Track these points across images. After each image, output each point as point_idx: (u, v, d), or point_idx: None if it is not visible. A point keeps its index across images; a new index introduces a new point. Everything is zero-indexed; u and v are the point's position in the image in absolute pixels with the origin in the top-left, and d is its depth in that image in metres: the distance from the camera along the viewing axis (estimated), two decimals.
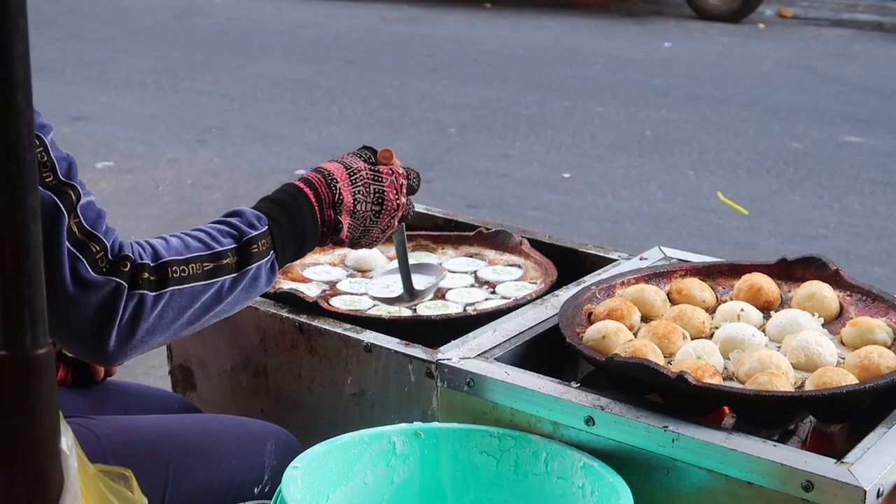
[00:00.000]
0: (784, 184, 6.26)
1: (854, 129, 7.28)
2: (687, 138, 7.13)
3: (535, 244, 2.58)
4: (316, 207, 1.84)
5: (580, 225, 5.63)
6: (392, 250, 2.61)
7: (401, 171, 1.94)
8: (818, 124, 7.40)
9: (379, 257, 2.54)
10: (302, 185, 1.85)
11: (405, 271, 2.16)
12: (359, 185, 1.88)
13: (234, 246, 1.73)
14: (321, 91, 8.33)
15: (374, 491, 1.82)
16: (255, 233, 1.76)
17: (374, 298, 2.28)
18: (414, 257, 2.57)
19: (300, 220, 1.82)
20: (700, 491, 1.71)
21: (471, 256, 2.58)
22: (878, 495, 1.60)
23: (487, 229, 2.62)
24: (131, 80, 8.69)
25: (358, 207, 1.87)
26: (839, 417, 1.90)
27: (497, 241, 2.59)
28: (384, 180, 1.91)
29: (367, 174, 1.90)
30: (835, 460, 1.63)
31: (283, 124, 7.49)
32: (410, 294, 2.18)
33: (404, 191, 1.93)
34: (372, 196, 1.89)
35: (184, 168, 6.54)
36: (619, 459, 1.76)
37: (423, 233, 2.67)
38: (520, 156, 6.81)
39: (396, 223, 1.95)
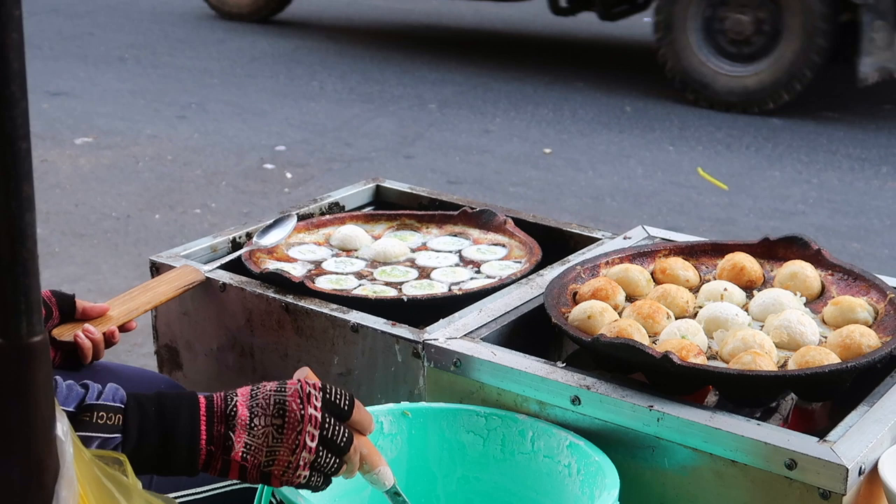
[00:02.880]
0: (763, 159, 6.29)
1: (832, 105, 7.31)
2: (667, 114, 7.15)
3: (520, 223, 2.59)
4: (203, 419, 1.55)
5: (561, 201, 5.65)
6: (377, 229, 2.62)
7: (311, 382, 1.58)
8: (796, 100, 7.42)
9: (363, 236, 2.55)
10: (202, 396, 1.59)
11: None
12: (258, 398, 1.56)
13: (69, 409, 1.51)
14: (301, 66, 8.31)
15: None
16: (99, 402, 1.52)
17: None
18: (398, 236, 2.58)
19: (171, 421, 1.54)
20: (685, 469, 1.73)
21: (455, 236, 2.59)
22: (860, 473, 1.63)
23: (472, 209, 2.63)
24: (110, 56, 8.64)
25: (255, 422, 1.55)
26: (821, 396, 1.93)
27: (481, 220, 2.60)
28: (287, 390, 1.56)
29: (271, 388, 1.58)
30: (817, 439, 1.65)
31: (263, 100, 7.47)
32: None
33: (314, 402, 1.55)
34: (272, 408, 1.55)
35: (164, 144, 6.52)
36: (604, 438, 1.78)
37: (407, 212, 2.68)
38: (500, 131, 6.82)
39: (310, 442, 1.54)
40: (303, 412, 1.54)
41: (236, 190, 5.74)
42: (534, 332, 2.11)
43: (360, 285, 2.33)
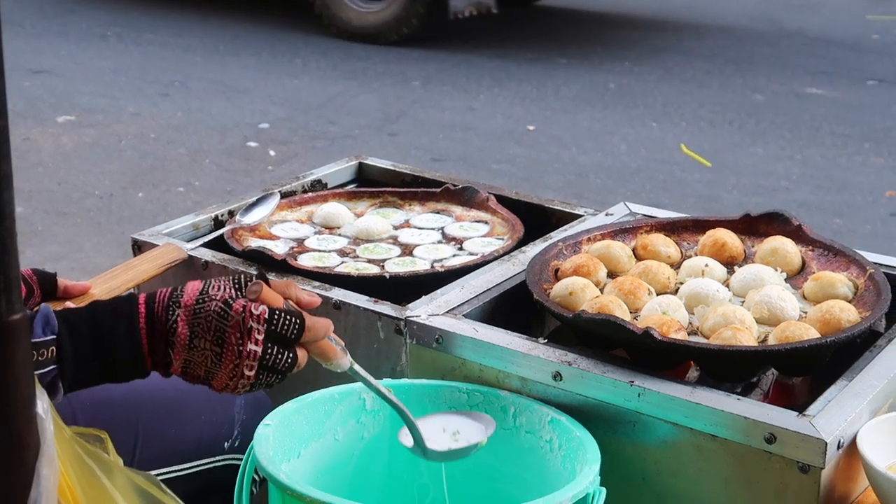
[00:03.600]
0: (746, 136, 6.30)
1: (816, 82, 7.32)
2: (650, 90, 7.15)
3: (502, 200, 2.60)
4: (144, 333, 1.52)
5: (545, 178, 5.65)
6: (359, 206, 2.62)
7: (257, 312, 1.51)
8: (780, 76, 7.44)
9: (346, 213, 2.55)
10: (142, 301, 1.55)
11: (409, 423, 1.71)
12: (200, 317, 1.52)
13: None
14: (285, 43, 8.28)
15: (345, 447, 1.84)
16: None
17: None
18: (381, 214, 2.58)
19: (109, 340, 1.51)
20: (665, 444, 1.74)
21: (438, 213, 2.59)
22: (839, 447, 1.64)
23: (454, 186, 2.63)
24: (92, 33, 8.59)
25: (195, 342, 1.51)
26: (801, 370, 1.94)
27: (464, 197, 2.60)
28: (229, 318, 1.51)
29: (216, 305, 1.52)
30: (797, 413, 1.66)
31: (246, 77, 7.44)
32: (423, 452, 1.72)
33: (256, 336, 1.51)
34: (212, 334, 1.51)
35: (146, 122, 6.49)
36: (586, 414, 1.79)
37: (390, 189, 2.67)
38: (484, 108, 6.81)
39: (250, 373, 1.52)
40: (241, 348, 1.51)
41: (219, 168, 5.73)
42: (516, 308, 2.12)
43: (342, 263, 2.33)
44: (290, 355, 1.53)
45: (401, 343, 1.99)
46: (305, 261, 2.32)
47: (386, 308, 2.02)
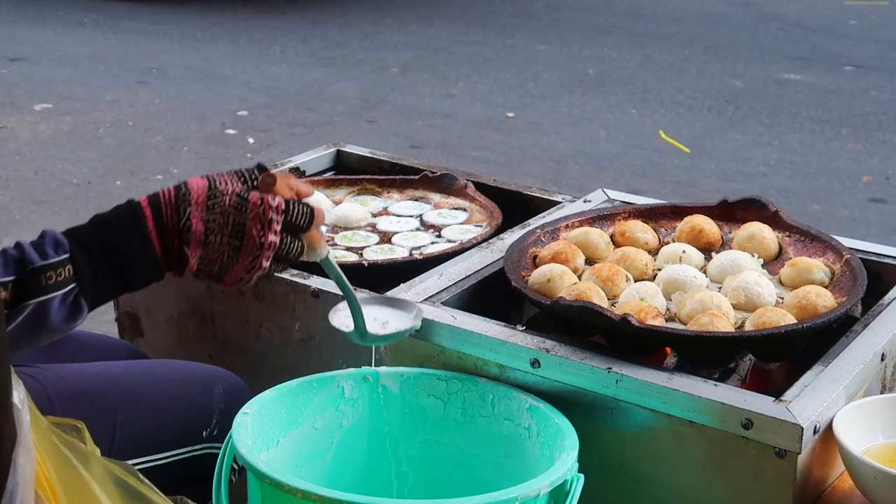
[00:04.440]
0: (725, 122, 6.32)
1: (793, 67, 7.34)
2: (629, 77, 7.16)
3: (480, 187, 2.60)
4: (153, 234, 1.56)
5: (524, 165, 5.66)
6: (338, 194, 2.62)
7: (275, 204, 1.57)
8: (758, 62, 7.46)
9: (324, 201, 2.54)
10: (145, 204, 1.58)
11: (354, 308, 1.78)
12: (215, 212, 1.56)
13: (11, 278, 1.49)
14: (262, 30, 8.25)
15: (324, 435, 1.84)
16: (42, 263, 1.51)
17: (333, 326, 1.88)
18: (359, 201, 2.58)
19: (122, 248, 1.55)
20: (643, 430, 1.75)
21: (416, 200, 2.59)
22: (815, 432, 1.65)
23: (433, 173, 2.63)
24: (68, 20, 8.54)
25: (210, 238, 1.56)
26: (778, 356, 1.95)
27: (442, 184, 2.60)
28: (248, 211, 1.56)
29: (230, 200, 1.56)
30: (773, 398, 1.67)
31: (224, 64, 7.41)
32: (362, 335, 1.80)
33: (275, 227, 1.57)
34: (230, 228, 1.56)
35: (124, 110, 6.46)
36: (564, 401, 1.79)
37: (368, 177, 2.67)
38: (463, 95, 6.81)
39: (266, 264, 1.59)
40: (262, 239, 1.56)
41: (198, 155, 5.71)
42: (494, 295, 2.12)
43: None
44: (300, 244, 1.60)
45: None
46: None
47: (365, 296, 2.02)
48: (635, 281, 2.03)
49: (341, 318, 1.81)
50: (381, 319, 1.84)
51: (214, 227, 1.56)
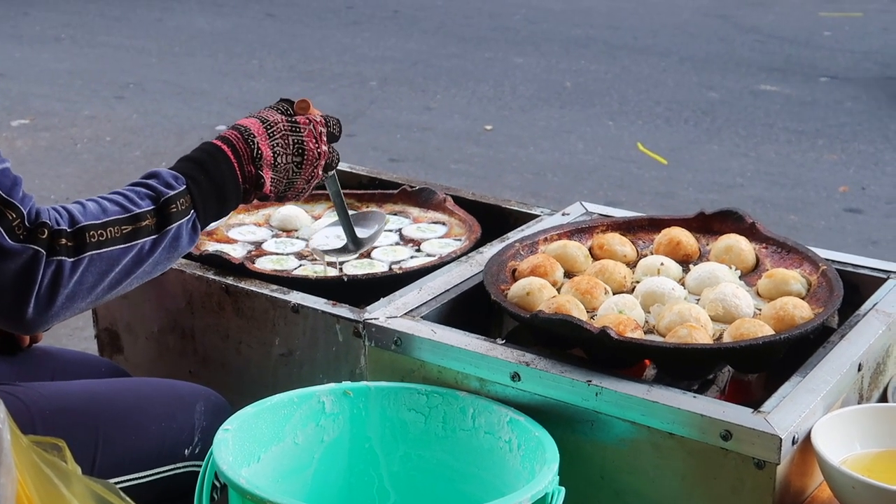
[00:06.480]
0: (702, 133, 6.35)
1: (769, 79, 7.38)
2: (606, 89, 7.19)
3: (459, 201, 2.61)
4: (235, 164, 1.84)
5: (503, 177, 5.67)
6: (316, 209, 2.63)
7: (318, 119, 1.94)
8: (734, 74, 7.50)
9: (303, 216, 2.55)
10: (219, 142, 1.85)
11: (345, 221, 2.15)
12: (277, 138, 1.87)
13: (152, 207, 1.73)
14: (241, 45, 8.25)
15: (305, 450, 1.84)
16: (172, 193, 1.76)
17: (318, 252, 2.25)
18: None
19: (219, 177, 1.82)
20: (623, 442, 1.76)
21: (395, 214, 2.60)
22: (794, 442, 1.66)
23: (411, 187, 2.64)
24: (46, 35, 8.53)
25: (278, 160, 1.87)
26: (756, 367, 1.96)
27: (421, 198, 2.61)
28: (302, 130, 1.90)
29: (284, 126, 1.89)
30: (752, 410, 1.68)
31: (202, 79, 7.41)
32: (355, 243, 2.17)
33: (324, 139, 1.93)
34: (291, 147, 1.89)
35: (102, 125, 6.45)
36: (544, 414, 1.80)
37: (347, 191, 2.66)
38: (441, 108, 6.82)
39: (321, 172, 1.95)
40: (319, 150, 1.92)
41: None
42: (474, 309, 2.12)
43: (300, 265, 2.33)
44: (337, 152, 1.98)
45: (359, 345, 1.99)
46: (263, 264, 2.32)
47: (344, 311, 2.02)
48: (614, 293, 2.04)
49: (322, 239, 2.20)
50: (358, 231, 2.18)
51: (280, 150, 1.87)
